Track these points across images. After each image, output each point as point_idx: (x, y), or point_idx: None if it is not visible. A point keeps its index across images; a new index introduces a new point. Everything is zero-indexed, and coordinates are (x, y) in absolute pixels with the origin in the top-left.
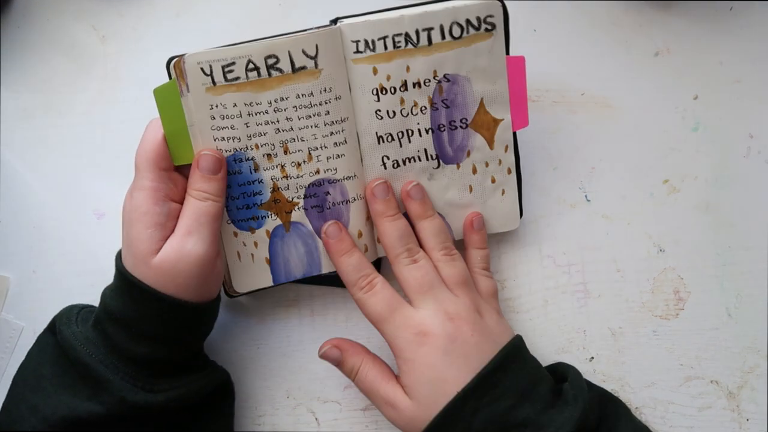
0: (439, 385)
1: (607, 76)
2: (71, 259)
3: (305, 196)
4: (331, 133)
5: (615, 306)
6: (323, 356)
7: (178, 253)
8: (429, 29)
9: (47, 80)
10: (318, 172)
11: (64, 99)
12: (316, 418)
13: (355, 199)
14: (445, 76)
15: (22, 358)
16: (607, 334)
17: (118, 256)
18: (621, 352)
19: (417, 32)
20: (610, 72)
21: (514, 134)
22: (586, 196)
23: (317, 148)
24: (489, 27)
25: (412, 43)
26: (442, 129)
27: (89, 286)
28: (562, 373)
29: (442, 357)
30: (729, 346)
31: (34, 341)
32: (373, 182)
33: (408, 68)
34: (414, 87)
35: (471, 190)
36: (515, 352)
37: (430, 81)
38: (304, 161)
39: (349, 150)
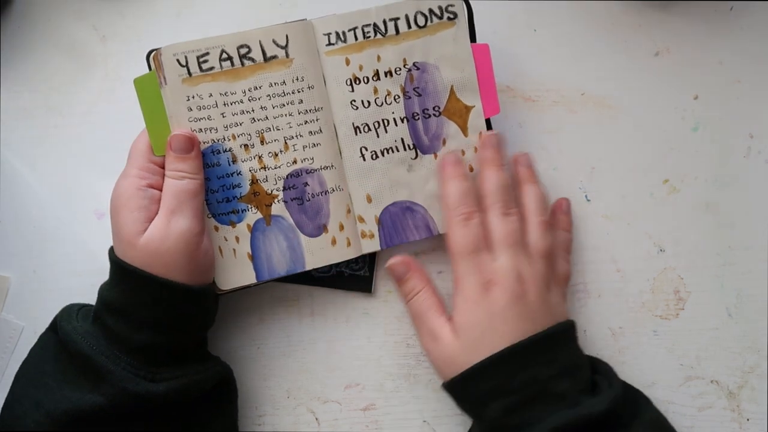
0: (489, 335)
1: (606, 76)
2: (71, 259)
3: (284, 188)
4: (306, 122)
5: (615, 306)
6: (390, 267)
7: (163, 231)
8: (395, 19)
9: (47, 80)
10: (295, 161)
11: (64, 99)
12: (316, 418)
13: (334, 190)
14: (414, 64)
15: (23, 357)
16: (607, 334)
17: (111, 250)
18: (621, 352)
19: (384, 22)
20: (610, 72)
21: (488, 122)
22: (586, 196)
23: (293, 137)
24: (451, 16)
25: (380, 33)
26: (416, 117)
27: (89, 286)
28: (594, 365)
29: (502, 310)
30: (729, 346)
31: (34, 340)
32: (446, 156)
33: (379, 57)
34: (386, 76)
35: None
36: (571, 331)
37: (400, 69)
38: (281, 151)
39: (325, 140)
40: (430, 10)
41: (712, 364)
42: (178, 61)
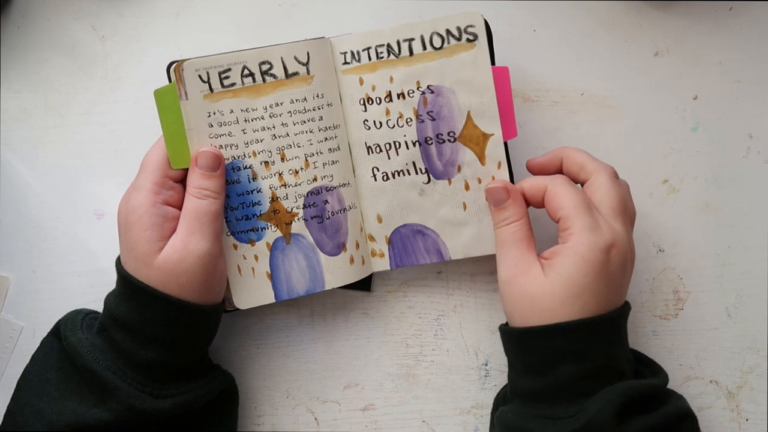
0: (586, 296)
1: (606, 76)
2: (71, 259)
3: (304, 206)
4: (326, 139)
5: None
6: (489, 191)
7: (181, 253)
8: (410, 40)
9: (47, 80)
10: (315, 179)
11: (64, 99)
12: (315, 418)
13: (351, 208)
14: (428, 87)
15: (22, 358)
16: None
17: (118, 261)
18: None
19: (398, 43)
20: (610, 72)
21: (507, 152)
22: None
23: (313, 154)
24: (470, 37)
25: (394, 54)
26: (429, 142)
27: (89, 286)
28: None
29: (611, 275)
30: (729, 346)
31: (34, 342)
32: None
33: (391, 79)
34: (398, 98)
35: (465, 207)
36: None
37: (413, 92)
38: (301, 168)
39: (343, 157)
40: (448, 31)
41: (712, 364)
42: (200, 77)
